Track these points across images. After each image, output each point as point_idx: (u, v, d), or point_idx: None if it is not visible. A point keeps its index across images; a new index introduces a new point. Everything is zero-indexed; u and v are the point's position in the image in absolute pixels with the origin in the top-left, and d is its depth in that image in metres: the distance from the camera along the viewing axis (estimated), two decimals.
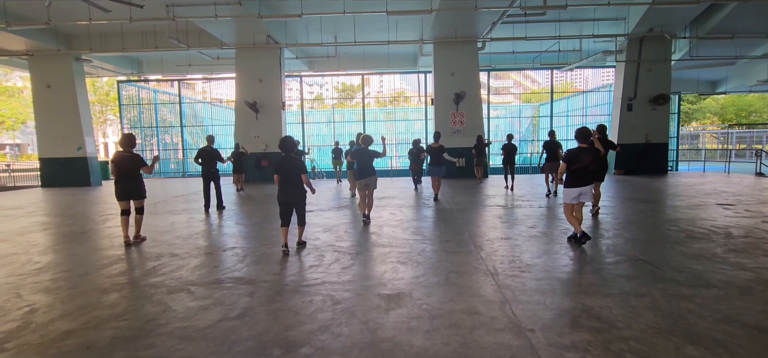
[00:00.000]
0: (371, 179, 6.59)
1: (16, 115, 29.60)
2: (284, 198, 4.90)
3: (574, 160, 4.86)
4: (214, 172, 8.08)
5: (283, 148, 4.90)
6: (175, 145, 20.48)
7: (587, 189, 4.89)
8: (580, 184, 4.86)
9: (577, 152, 4.88)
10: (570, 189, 4.92)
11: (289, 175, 4.88)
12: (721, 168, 16.77)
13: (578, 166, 4.84)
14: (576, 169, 4.86)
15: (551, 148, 9.11)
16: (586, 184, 4.88)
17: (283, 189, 4.90)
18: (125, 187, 5.52)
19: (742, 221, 6.32)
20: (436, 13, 11.24)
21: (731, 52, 15.40)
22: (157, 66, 18.50)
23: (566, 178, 4.96)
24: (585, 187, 4.87)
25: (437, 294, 3.51)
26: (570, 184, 4.92)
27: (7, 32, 11.91)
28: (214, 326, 3.00)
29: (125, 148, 5.50)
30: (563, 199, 5.06)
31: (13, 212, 8.71)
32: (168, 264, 4.55)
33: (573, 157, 4.87)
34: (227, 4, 10.64)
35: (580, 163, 4.84)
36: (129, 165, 5.49)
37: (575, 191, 4.88)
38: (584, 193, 4.88)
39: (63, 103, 14.81)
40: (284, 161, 4.88)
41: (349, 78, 38.82)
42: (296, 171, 4.90)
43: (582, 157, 4.84)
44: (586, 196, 4.91)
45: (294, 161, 4.89)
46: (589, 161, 4.85)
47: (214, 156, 8.06)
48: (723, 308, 3.13)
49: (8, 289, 3.86)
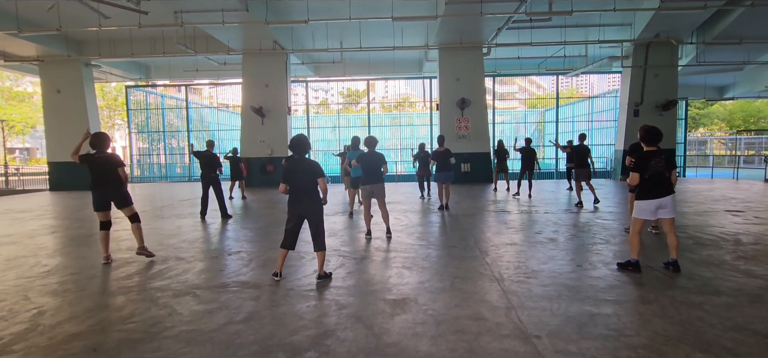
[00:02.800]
0: (377, 186, 5.80)
1: (25, 120, 30.03)
2: (293, 212, 3.95)
3: (646, 166, 4.00)
4: (214, 177, 7.82)
5: (295, 149, 3.96)
6: (181, 149, 20.65)
7: (667, 200, 4.01)
8: (658, 195, 4.00)
9: (648, 156, 4.02)
10: (645, 202, 4.06)
11: (301, 182, 3.91)
12: (730, 174, 16.59)
13: (652, 172, 4.00)
14: (650, 178, 4.01)
15: (581, 154, 8.44)
16: (665, 194, 4.00)
17: (293, 198, 3.96)
18: (105, 193, 4.68)
19: (752, 227, 6.24)
20: (442, 19, 11.28)
21: (739, 58, 15.26)
22: (165, 71, 18.72)
23: (639, 189, 4.11)
24: (664, 198, 4.00)
25: (443, 299, 3.49)
26: (644, 195, 4.05)
27: (19, 38, 12.12)
28: (219, 329, 3.01)
29: (99, 149, 4.66)
30: (635, 214, 4.15)
31: (22, 215, 8.81)
32: (174, 268, 4.58)
33: (644, 163, 4.01)
34: (234, 10, 10.75)
35: (653, 170, 3.99)
36: (105, 167, 4.64)
37: (652, 203, 4.02)
38: (664, 205, 4.01)
39: (72, 107, 15.02)
40: (293, 164, 3.94)
41: (354, 83, 38.97)
42: (310, 175, 3.92)
43: (655, 163, 3.98)
44: (668, 209, 4.02)
45: (306, 164, 3.95)
46: (662, 167, 3.99)
47: (214, 162, 7.83)
48: (733, 315, 3.09)
49: (17, 291, 3.89)
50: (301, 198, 3.92)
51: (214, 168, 7.84)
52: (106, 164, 4.66)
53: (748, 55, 15.28)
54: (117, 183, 4.71)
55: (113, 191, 4.72)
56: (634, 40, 13.55)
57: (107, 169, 4.66)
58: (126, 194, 4.83)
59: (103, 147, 4.71)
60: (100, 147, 4.69)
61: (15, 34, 11.42)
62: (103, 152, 4.69)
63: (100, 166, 4.64)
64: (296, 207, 3.94)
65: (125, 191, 4.82)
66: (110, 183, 4.69)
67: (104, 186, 4.69)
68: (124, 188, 4.82)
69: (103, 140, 4.71)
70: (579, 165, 8.48)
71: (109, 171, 4.66)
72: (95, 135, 4.75)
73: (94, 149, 4.70)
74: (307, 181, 3.92)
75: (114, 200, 4.76)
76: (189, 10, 10.97)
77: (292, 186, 3.94)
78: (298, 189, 3.92)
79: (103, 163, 4.65)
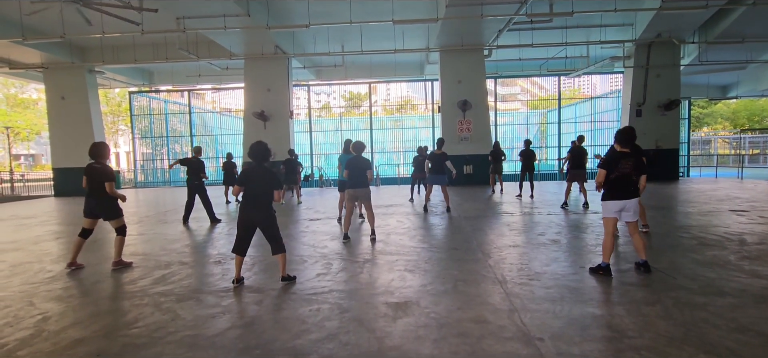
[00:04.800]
0: (362, 191, 5.87)
1: (30, 126, 30.30)
2: (243, 217, 3.94)
3: (614, 166, 4.02)
4: (199, 184, 7.81)
5: (254, 157, 4.01)
6: (185, 154, 20.77)
7: (631, 203, 4.02)
8: (622, 196, 4.02)
9: (617, 157, 4.04)
10: (609, 202, 4.08)
11: (256, 190, 3.94)
12: (734, 174, 16.49)
13: (618, 174, 4.01)
14: (616, 178, 4.02)
15: (578, 155, 8.44)
16: (630, 197, 4.02)
17: (244, 206, 3.95)
18: (89, 203, 4.74)
19: (757, 227, 6.20)
20: (442, 21, 11.31)
21: (741, 57, 15.20)
22: (168, 77, 18.86)
23: (604, 189, 4.13)
24: (628, 200, 4.01)
25: (445, 302, 3.49)
26: (609, 196, 4.07)
27: (24, 46, 12.25)
28: (222, 333, 3.02)
29: (96, 159, 4.73)
30: (603, 214, 4.19)
31: (27, 221, 8.88)
32: (177, 272, 4.60)
33: (612, 162, 4.03)
34: (236, 15, 10.82)
35: (620, 171, 4.00)
36: (96, 178, 4.68)
37: (616, 204, 4.04)
38: (627, 208, 4.04)
39: (76, 114, 15.15)
40: (251, 171, 3.97)
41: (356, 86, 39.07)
42: (266, 185, 3.96)
43: (623, 164, 4.00)
44: (630, 212, 4.05)
45: (263, 173, 3.98)
46: (630, 169, 3.99)
47: (199, 168, 7.83)
48: (737, 316, 3.07)
49: (22, 297, 3.92)
50: (253, 204, 3.95)
51: (199, 175, 7.83)
52: (98, 176, 4.69)
53: (751, 54, 15.22)
54: (104, 196, 4.72)
55: (98, 203, 4.75)
56: (636, 40, 13.53)
57: (97, 181, 4.69)
58: (114, 207, 4.82)
59: (99, 157, 4.74)
60: (95, 157, 4.73)
61: (20, 42, 11.55)
62: (99, 163, 4.74)
63: (92, 176, 4.70)
64: (247, 213, 3.95)
65: (113, 204, 4.82)
66: (97, 195, 4.72)
67: (92, 197, 4.75)
68: (112, 201, 4.80)
69: (97, 151, 4.75)
70: (575, 166, 8.47)
71: (98, 183, 4.69)
72: (92, 145, 4.79)
73: (92, 159, 4.75)
74: (261, 190, 3.96)
75: (99, 211, 4.77)
76: (191, 16, 11.05)
77: (246, 192, 3.98)
78: (252, 196, 3.96)
79: (95, 174, 4.70)
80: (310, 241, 6.01)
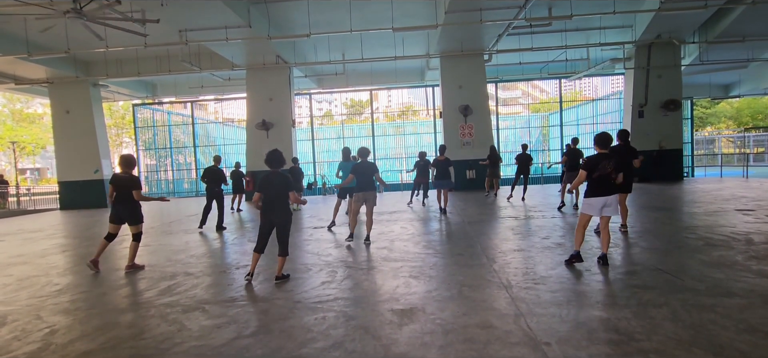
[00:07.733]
0: (370, 194, 6.10)
1: (36, 141, 30.60)
2: (265, 220, 4.41)
3: (594, 167, 4.41)
4: (219, 192, 8.24)
5: (270, 164, 4.42)
6: (188, 165, 20.87)
7: (612, 199, 4.38)
8: (603, 193, 4.38)
9: (596, 159, 4.43)
10: (592, 199, 4.45)
11: (273, 195, 4.36)
12: (739, 172, 16.38)
13: (599, 174, 4.39)
14: (597, 178, 4.41)
15: (573, 157, 8.57)
16: (610, 193, 4.39)
17: (264, 210, 4.41)
18: (118, 210, 5.26)
19: (764, 226, 6.15)
20: (442, 27, 11.36)
21: (743, 56, 15.16)
22: (171, 89, 19.00)
23: (587, 187, 4.53)
24: (609, 197, 4.38)
25: (451, 308, 3.48)
26: (591, 193, 4.46)
27: (29, 61, 12.39)
28: (228, 344, 3.02)
29: (123, 169, 5.28)
30: (582, 209, 4.59)
31: (33, 235, 8.93)
32: (183, 283, 4.61)
33: (592, 164, 4.43)
34: (237, 27, 10.92)
35: (600, 171, 4.39)
36: (124, 185, 5.22)
37: (598, 200, 4.40)
38: (609, 204, 4.38)
39: (81, 127, 15.27)
40: (269, 177, 4.39)
41: (357, 94, 39.23)
42: (282, 188, 4.37)
43: (602, 165, 4.38)
44: (612, 208, 4.40)
45: (280, 177, 4.40)
46: (610, 169, 4.38)
47: (220, 177, 8.27)
48: (746, 317, 3.04)
49: (29, 311, 3.94)
50: (272, 207, 4.36)
51: (220, 183, 8.25)
52: (125, 184, 5.20)
53: (752, 53, 15.18)
54: (131, 203, 5.25)
55: (125, 210, 5.25)
56: (636, 41, 13.54)
57: (126, 188, 5.20)
58: (138, 213, 5.33)
59: (126, 168, 5.28)
60: (123, 168, 5.29)
61: (25, 58, 11.68)
62: (127, 172, 5.26)
63: (119, 185, 5.21)
64: (268, 216, 4.38)
65: (137, 210, 5.32)
66: (125, 202, 5.22)
67: (120, 203, 5.24)
68: (137, 207, 5.32)
69: (125, 162, 5.33)
70: (570, 168, 8.56)
71: (126, 190, 5.20)
72: (121, 157, 5.38)
73: (122, 168, 5.29)
74: (278, 193, 4.36)
75: (125, 217, 5.27)
76: (193, 28, 11.17)
77: (266, 196, 4.38)
78: (270, 200, 4.36)
79: (124, 182, 5.21)
80: (313, 249, 6.02)
